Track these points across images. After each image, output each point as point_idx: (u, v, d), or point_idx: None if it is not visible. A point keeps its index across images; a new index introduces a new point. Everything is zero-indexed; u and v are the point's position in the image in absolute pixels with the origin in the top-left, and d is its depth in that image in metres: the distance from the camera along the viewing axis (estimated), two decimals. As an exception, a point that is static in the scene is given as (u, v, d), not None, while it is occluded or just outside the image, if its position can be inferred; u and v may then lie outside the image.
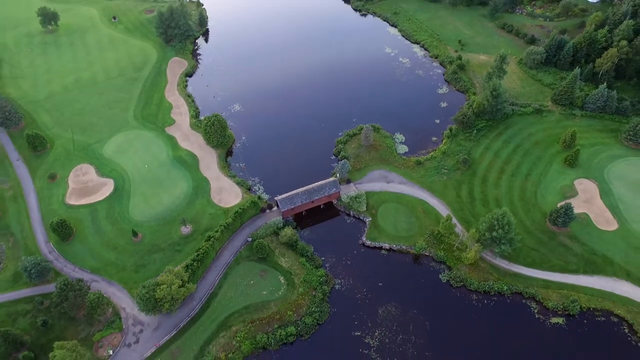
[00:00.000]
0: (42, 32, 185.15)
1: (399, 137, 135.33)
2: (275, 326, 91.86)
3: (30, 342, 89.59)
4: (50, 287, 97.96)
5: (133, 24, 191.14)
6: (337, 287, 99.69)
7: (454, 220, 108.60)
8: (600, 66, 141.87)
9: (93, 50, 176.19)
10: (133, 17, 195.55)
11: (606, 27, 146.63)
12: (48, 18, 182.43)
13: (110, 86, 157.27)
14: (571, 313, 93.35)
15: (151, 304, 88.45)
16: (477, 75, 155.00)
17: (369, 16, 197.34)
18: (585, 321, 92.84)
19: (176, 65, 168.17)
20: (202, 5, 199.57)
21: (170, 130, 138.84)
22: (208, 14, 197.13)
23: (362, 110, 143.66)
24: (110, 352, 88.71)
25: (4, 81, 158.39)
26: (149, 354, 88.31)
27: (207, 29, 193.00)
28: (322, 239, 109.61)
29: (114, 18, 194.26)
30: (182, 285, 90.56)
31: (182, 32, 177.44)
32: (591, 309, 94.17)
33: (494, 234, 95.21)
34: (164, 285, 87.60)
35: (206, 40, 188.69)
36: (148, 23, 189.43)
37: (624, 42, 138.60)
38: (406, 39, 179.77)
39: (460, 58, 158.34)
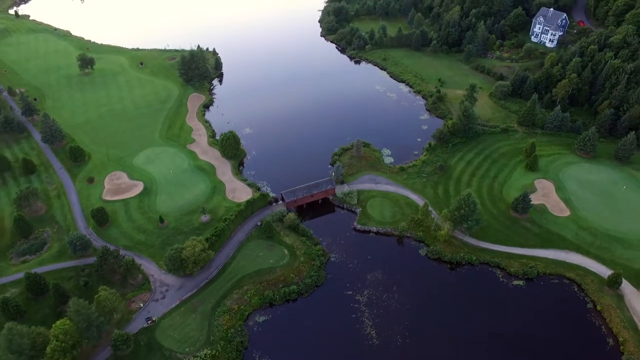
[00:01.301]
0: (80, 75, 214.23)
1: (386, 151, 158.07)
2: (280, 286, 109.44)
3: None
4: (90, 260, 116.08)
5: (158, 68, 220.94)
6: (332, 259, 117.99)
7: (431, 209, 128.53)
8: (556, 95, 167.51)
9: (123, 88, 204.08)
10: (157, 63, 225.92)
11: (560, 64, 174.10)
12: (86, 62, 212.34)
13: (138, 115, 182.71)
14: (530, 277, 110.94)
15: (177, 263, 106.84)
16: (454, 105, 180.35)
17: (362, 62, 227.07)
18: (541, 283, 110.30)
19: (195, 99, 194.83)
20: (217, 54, 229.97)
21: (190, 147, 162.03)
22: (222, 60, 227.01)
23: (355, 132, 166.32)
24: (141, 304, 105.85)
25: (48, 110, 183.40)
26: (173, 306, 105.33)
27: (222, 72, 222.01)
28: (320, 225, 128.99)
29: (141, 64, 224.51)
30: (203, 250, 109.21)
31: (201, 73, 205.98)
32: (547, 274, 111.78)
33: (462, 212, 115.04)
34: (189, 247, 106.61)
35: (220, 81, 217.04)
36: (171, 67, 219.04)
37: (574, 75, 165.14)
38: (393, 79, 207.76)
39: (439, 91, 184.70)
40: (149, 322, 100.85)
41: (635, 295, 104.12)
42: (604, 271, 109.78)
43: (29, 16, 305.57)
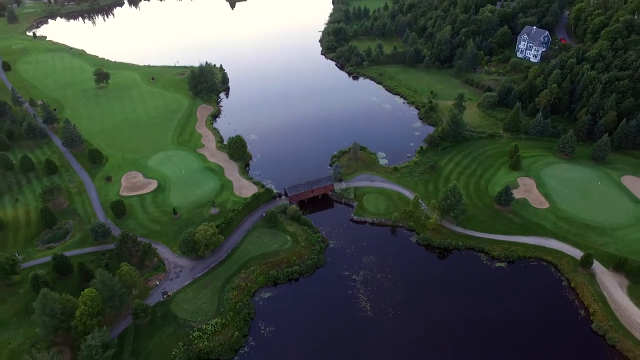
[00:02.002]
0: (95, 88, 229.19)
1: (381, 154, 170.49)
2: (284, 267, 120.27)
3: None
4: (110, 246, 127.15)
5: (168, 82, 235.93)
6: (331, 245, 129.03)
7: (421, 202, 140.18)
8: (539, 103, 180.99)
9: (136, 100, 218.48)
10: (168, 78, 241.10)
11: (542, 76, 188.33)
12: (101, 77, 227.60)
13: (151, 123, 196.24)
14: (511, 259, 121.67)
15: (190, 245, 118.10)
16: (445, 114, 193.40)
17: (360, 78, 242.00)
18: (522, 265, 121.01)
19: (204, 110, 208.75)
20: (224, 70, 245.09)
21: (200, 151, 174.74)
22: (229, 76, 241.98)
23: (352, 138, 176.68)
24: (157, 282, 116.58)
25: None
26: (186, 283, 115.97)
27: (228, 86, 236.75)
28: (320, 217, 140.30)
29: (152, 79, 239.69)
30: (214, 234, 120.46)
31: (209, 87, 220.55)
32: (527, 257, 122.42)
33: (448, 201, 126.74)
34: (201, 231, 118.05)
35: (227, 95, 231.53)
36: (180, 82, 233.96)
37: (555, 85, 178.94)
38: (389, 92, 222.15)
39: (431, 102, 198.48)
40: (165, 296, 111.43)
41: (605, 274, 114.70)
42: (579, 254, 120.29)
43: (45, 37, 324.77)
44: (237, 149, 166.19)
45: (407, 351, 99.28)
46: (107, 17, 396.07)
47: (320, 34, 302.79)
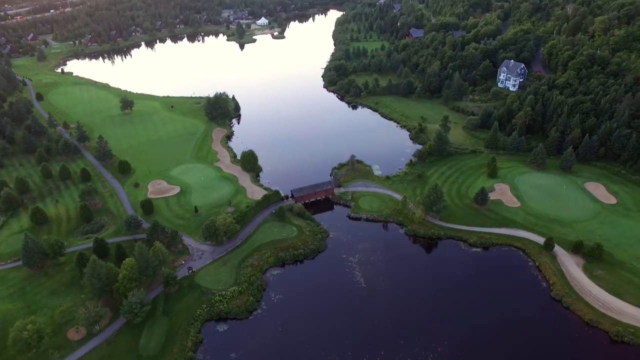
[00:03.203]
0: (120, 115, 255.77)
1: (376, 166, 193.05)
2: (291, 250, 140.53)
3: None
4: (141, 236, 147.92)
5: (186, 110, 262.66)
6: (331, 235, 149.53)
7: (409, 201, 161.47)
8: (515, 124, 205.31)
9: (158, 124, 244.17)
10: (186, 106, 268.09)
11: (518, 101, 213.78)
12: (126, 104, 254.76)
13: (172, 143, 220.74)
14: (486, 246, 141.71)
15: (211, 231, 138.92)
16: (433, 135, 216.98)
17: (358, 107, 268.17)
18: (495, 250, 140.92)
19: (219, 132, 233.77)
20: (236, 99, 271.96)
21: (216, 164, 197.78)
22: (240, 105, 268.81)
23: (351, 154, 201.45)
24: (183, 262, 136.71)
25: (94, 142, 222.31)
26: (207, 263, 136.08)
27: (240, 113, 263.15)
28: (321, 215, 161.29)
29: (172, 107, 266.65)
30: (232, 223, 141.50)
31: (223, 113, 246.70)
32: (499, 244, 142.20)
33: (431, 197, 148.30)
34: (221, 219, 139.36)
35: (238, 121, 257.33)
36: (197, 110, 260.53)
37: (529, 109, 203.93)
38: (384, 117, 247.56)
39: (421, 125, 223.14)
40: (190, 271, 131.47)
41: (565, 256, 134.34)
42: (544, 241, 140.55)
43: (72, 73, 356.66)
44: (249, 161, 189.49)
45: (396, 314, 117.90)
46: (126, 57, 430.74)
47: (323, 70, 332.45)
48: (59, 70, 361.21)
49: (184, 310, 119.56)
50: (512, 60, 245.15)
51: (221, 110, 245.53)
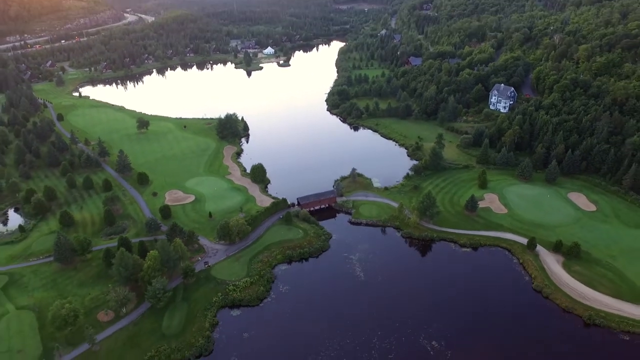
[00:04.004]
0: (137, 134, 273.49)
1: (375, 179, 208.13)
2: (297, 249, 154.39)
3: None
4: (160, 237, 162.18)
5: (198, 129, 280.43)
6: (333, 237, 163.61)
7: (405, 208, 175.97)
8: (505, 141, 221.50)
9: (172, 142, 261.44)
10: (198, 127, 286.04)
11: (507, 121, 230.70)
12: (142, 124, 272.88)
13: (185, 158, 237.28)
14: (475, 246, 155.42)
15: (225, 231, 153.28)
16: (428, 152, 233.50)
17: (360, 128, 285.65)
18: (483, 249, 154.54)
19: (229, 149, 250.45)
20: (245, 121, 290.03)
21: (227, 177, 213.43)
22: (249, 126, 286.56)
23: (352, 167, 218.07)
24: (199, 258, 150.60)
25: (114, 157, 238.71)
26: (221, 259, 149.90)
27: (248, 133, 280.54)
28: (325, 221, 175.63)
29: (184, 127, 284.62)
30: (244, 224, 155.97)
31: (233, 132, 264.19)
32: (487, 245, 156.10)
33: (425, 203, 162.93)
34: (234, 220, 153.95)
35: (247, 140, 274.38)
36: (209, 130, 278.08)
37: (517, 127, 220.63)
38: (384, 137, 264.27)
39: (417, 143, 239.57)
40: (206, 265, 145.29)
41: (546, 254, 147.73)
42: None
43: (89, 97, 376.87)
44: (258, 173, 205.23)
45: (392, 302, 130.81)
46: (139, 82, 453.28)
47: (326, 95, 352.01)
48: (77, 94, 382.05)
49: (201, 297, 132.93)
50: (502, 84, 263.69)
51: (231, 129, 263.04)
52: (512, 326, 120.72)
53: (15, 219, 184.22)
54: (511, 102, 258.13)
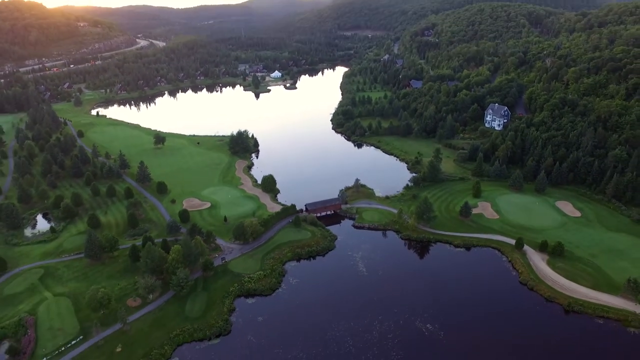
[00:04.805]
0: (154, 149, 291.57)
1: (377, 190, 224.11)
2: (305, 248, 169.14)
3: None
4: (180, 238, 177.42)
5: (211, 145, 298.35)
6: (338, 239, 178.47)
7: (404, 213, 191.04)
8: (498, 155, 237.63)
9: (187, 156, 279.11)
10: (210, 143, 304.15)
11: (501, 137, 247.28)
12: (159, 140, 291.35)
13: (200, 171, 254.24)
14: (468, 246, 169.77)
15: (240, 231, 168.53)
16: (427, 166, 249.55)
17: (363, 145, 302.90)
18: (476, 249, 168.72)
19: (241, 163, 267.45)
20: (255, 137, 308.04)
21: (240, 187, 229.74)
22: (259, 142, 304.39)
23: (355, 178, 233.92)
24: (216, 255, 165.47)
25: (133, 170, 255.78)
26: (237, 256, 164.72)
27: (258, 149, 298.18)
28: (330, 226, 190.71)
29: (198, 143, 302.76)
30: (257, 225, 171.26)
31: (244, 148, 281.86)
32: (480, 245, 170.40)
33: (422, 208, 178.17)
34: (249, 221, 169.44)
35: (257, 156, 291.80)
36: (221, 146, 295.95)
37: (510, 142, 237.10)
38: (385, 153, 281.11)
39: (417, 158, 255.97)
40: (223, 261, 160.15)
41: (533, 253, 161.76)
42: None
43: (105, 116, 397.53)
44: (269, 183, 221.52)
45: (391, 292, 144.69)
46: (152, 103, 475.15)
47: (331, 115, 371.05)
48: (94, 112, 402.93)
49: (219, 287, 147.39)
50: (496, 104, 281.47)
51: (243, 145, 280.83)
52: (500, 312, 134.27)
53: (44, 224, 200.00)
54: (505, 120, 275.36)
